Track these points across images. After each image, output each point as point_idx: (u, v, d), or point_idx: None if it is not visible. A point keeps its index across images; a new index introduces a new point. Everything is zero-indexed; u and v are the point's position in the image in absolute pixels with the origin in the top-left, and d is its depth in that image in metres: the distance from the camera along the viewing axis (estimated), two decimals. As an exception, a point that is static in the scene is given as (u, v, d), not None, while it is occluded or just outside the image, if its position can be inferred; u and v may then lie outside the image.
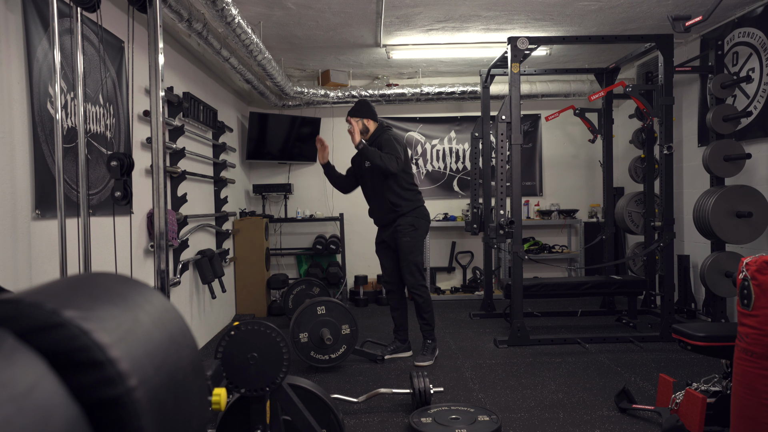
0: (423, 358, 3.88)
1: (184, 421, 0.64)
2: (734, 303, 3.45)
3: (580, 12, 4.42)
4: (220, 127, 5.20)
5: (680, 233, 5.23)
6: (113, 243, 2.63)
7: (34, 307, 0.54)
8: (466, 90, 6.11)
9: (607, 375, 3.53)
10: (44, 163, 2.43)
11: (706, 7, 4.20)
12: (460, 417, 2.74)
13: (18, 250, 2.27)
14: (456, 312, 5.63)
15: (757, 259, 2.01)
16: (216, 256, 4.60)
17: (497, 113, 4.41)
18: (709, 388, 2.64)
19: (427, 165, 6.73)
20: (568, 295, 4.88)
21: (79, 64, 2.27)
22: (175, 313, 0.71)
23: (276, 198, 6.65)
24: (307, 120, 6.39)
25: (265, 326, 1.99)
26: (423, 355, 3.91)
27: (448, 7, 4.25)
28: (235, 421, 2.11)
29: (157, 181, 2.18)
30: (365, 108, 4.03)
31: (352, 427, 2.82)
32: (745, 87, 4.46)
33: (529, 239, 6.58)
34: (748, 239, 4.15)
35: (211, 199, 5.03)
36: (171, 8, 3.22)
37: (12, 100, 2.26)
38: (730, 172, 4.28)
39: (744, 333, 2.04)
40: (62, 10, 2.50)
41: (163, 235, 2.19)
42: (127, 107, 3.24)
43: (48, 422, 0.47)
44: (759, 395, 1.96)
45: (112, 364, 0.54)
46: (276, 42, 5.00)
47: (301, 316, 3.69)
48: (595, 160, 6.47)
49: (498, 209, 4.41)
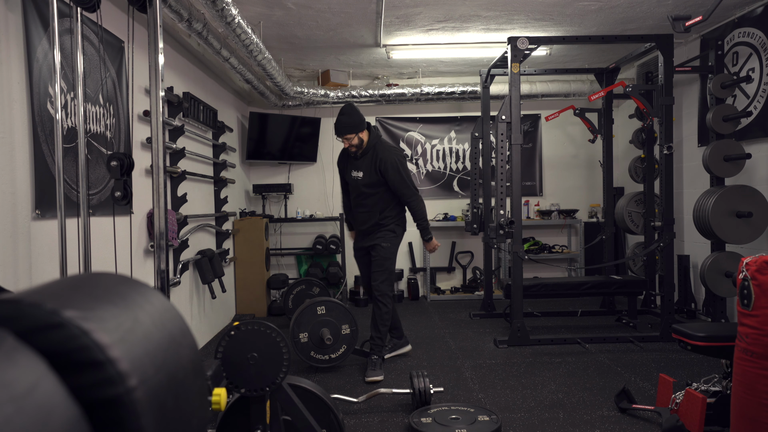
0: (374, 373, 3.56)
1: (184, 421, 0.64)
2: (734, 303, 3.45)
3: (580, 12, 4.42)
4: (220, 127, 5.20)
5: (680, 233, 5.23)
6: (113, 243, 2.63)
7: (34, 307, 0.54)
8: (466, 90, 6.11)
9: (607, 375, 3.53)
10: (44, 163, 2.43)
11: (706, 7, 4.20)
12: (460, 417, 2.74)
13: (18, 250, 2.27)
14: (456, 312, 5.63)
15: (757, 259, 2.01)
16: (216, 256, 4.60)
17: (497, 113, 4.41)
18: (709, 388, 2.64)
19: (427, 165, 6.73)
20: (568, 295, 4.88)
21: (79, 64, 2.27)
22: (175, 313, 0.71)
23: (276, 198, 6.65)
24: (307, 120, 6.39)
25: (265, 326, 1.99)
26: (373, 370, 3.59)
27: (448, 7, 4.25)
28: (235, 421, 2.11)
29: (157, 181, 2.18)
30: (357, 119, 3.68)
31: (352, 427, 2.82)
32: (745, 87, 4.46)
33: (529, 239, 6.58)
34: (748, 239, 4.15)
35: (211, 199, 5.03)
36: (171, 8, 3.22)
37: (12, 100, 2.26)
38: (730, 172, 4.28)
39: (744, 333, 2.04)
40: (62, 10, 2.50)
41: (163, 235, 2.19)
42: (127, 107, 3.24)
43: (48, 422, 0.46)
44: (759, 395, 1.96)
45: (112, 364, 0.54)
46: (276, 42, 5.00)
47: (301, 316, 3.69)
48: (595, 160, 6.47)
49: (498, 209, 4.41)
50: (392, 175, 3.70)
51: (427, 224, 3.86)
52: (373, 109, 6.60)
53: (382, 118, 6.69)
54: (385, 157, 3.70)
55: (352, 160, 3.83)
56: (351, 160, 3.84)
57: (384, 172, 3.70)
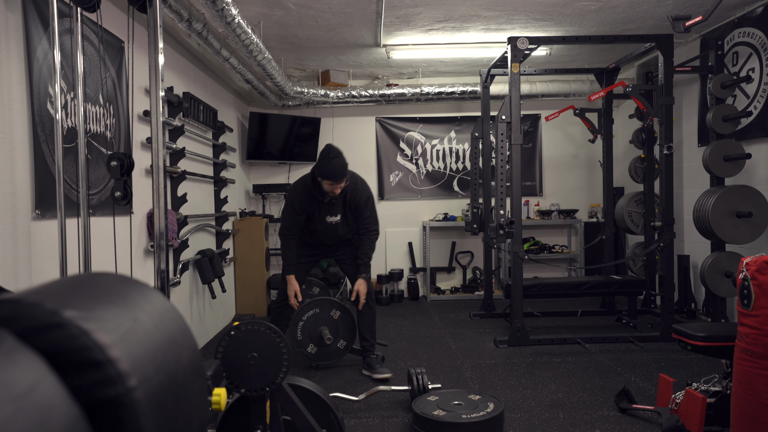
0: (383, 370, 3.58)
1: (184, 421, 0.64)
2: (734, 303, 3.45)
3: (580, 12, 4.42)
4: (220, 127, 5.20)
5: (680, 233, 5.23)
6: (113, 243, 2.63)
7: (34, 307, 0.54)
8: (466, 90, 6.11)
9: (607, 375, 3.53)
10: (44, 163, 2.43)
11: (706, 7, 4.20)
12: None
13: (18, 250, 2.27)
14: (456, 312, 5.63)
15: (757, 259, 2.01)
16: (216, 256, 4.60)
17: (497, 113, 4.41)
18: (709, 388, 2.64)
19: (427, 165, 6.73)
20: (568, 295, 4.88)
21: (79, 64, 2.27)
22: (175, 313, 0.71)
23: (276, 198, 6.65)
24: (307, 120, 6.39)
25: (265, 326, 1.99)
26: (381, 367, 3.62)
27: (448, 7, 4.25)
28: (235, 421, 2.11)
29: (157, 181, 2.18)
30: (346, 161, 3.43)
31: (352, 427, 2.82)
32: (745, 87, 4.46)
33: (529, 239, 6.58)
34: (748, 239, 4.15)
35: (211, 199, 5.03)
36: (171, 8, 3.22)
37: (12, 100, 2.26)
38: (730, 172, 4.28)
39: (744, 333, 2.04)
40: (62, 10, 2.50)
41: (163, 235, 2.19)
42: (127, 107, 3.24)
43: (48, 422, 0.46)
44: (759, 395, 1.96)
45: (112, 364, 0.54)
46: (276, 42, 5.00)
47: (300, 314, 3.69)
48: (595, 160, 6.48)
49: (498, 209, 4.41)
50: (368, 211, 3.57)
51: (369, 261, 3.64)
52: (373, 109, 6.60)
53: (382, 118, 6.69)
54: (360, 196, 3.55)
55: (324, 205, 3.52)
56: (322, 205, 3.52)
57: (359, 208, 3.56)
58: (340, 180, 3.37)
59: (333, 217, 3.56)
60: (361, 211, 3.57)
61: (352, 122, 6.67)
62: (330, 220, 3.56)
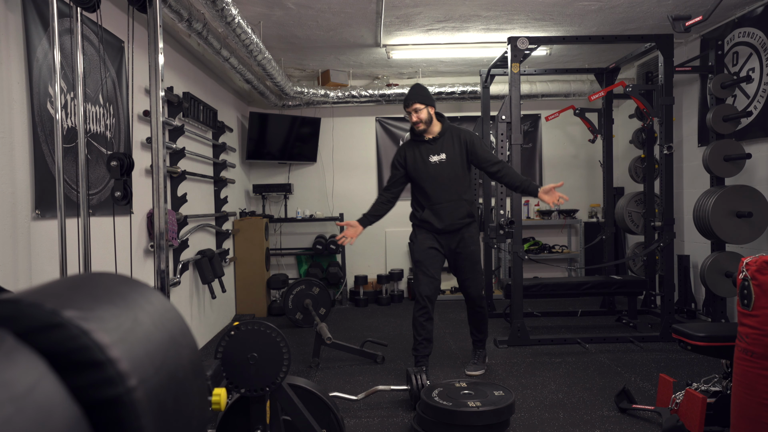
0: (476, 367, 3.65)
1: (184, 421, 0.64)
2: (734, 303, 3.45)
3: (580, 12, 4.42)
4: (220, 127, 5.20)
5: (680, 233, 5.23)
6: (113, 243, 2.63)
7: (34, 307, 0.54)
8: (466, 90, 6.11)
9: (607, 375, 3.53)
10: (44, 163, 2.43)
11: (706, 7, 4.20)
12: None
13: (18, 250, 2.27)
14: (456, 312, 5.62)
15: (757, 259, 2.01)
16: (216, 256, 4.60)
17: (497, 113, 4.41)
18: (709, 388, 2.64)
19: (427, 165, 6.72)
20: (568, 295, 4.88)
21: (79, 64, 2.27)
22: (175, 313, 0.71)
23: (276, 198, 6.65)
24: (307, 120, 6.39)
25: (265, 326, 1.99)
26: (475, 364, 3.69)
27: (448, 7, 4.25)
28: (235, 421, 2.11)
29: (157, 181, 2.18)
30: (427, 93, 3.44)
31: (352, 427, 2.82)
32: (745, 87, 4.46)
33: (529, 239, 6.58)
34: (748, 239, 4.15)
35: (211, 199, 5.03)
36: (171, 8, 3.22)
37: (12, 100, 2.26)
38: (730, 172, 4.28)
39: (744, 333, 2.04)
40: (62, 10, 2.50)
41: (163, 235, 2.19)
42: (127, 107, 3.24)
43: (48, 422, 0.46)
44: (759, 395, 1.96)
45: (112, 364, 0.54)
46: (276, 42, 5.00)
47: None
48: (595, 160, 6.47)
49: (498, 209, 4.41)
50: (483, 148, 3.47)
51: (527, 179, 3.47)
52: (373, 109, 6.60)
53: (382, 118, 6.69)
54: (468, 135, 3.48)
55: (425, 145, 3.46)
56: (424, 145, 3.46)
57: (471, 146, 3.44)
58: (409, 102, 3.40)
59: (438, 156, 3.43)
60: (476, 150, 3.44)
61: (352, 122, 6.67)
62: (435, 159, 3.43)
